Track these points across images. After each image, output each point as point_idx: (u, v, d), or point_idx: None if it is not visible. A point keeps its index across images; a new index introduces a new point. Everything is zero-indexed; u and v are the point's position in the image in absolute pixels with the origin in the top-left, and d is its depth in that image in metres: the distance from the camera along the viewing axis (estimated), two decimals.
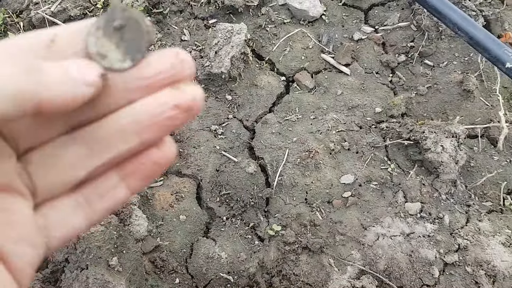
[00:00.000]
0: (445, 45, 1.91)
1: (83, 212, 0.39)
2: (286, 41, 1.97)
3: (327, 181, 1.65)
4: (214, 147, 1.73)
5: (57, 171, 0.38)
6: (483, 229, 1.56)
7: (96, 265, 1.31)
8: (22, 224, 0.37)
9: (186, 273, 1.53)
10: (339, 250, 1.54)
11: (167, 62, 0.38)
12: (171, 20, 2.04)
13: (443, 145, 1.58)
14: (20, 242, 0.37)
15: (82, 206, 0.39)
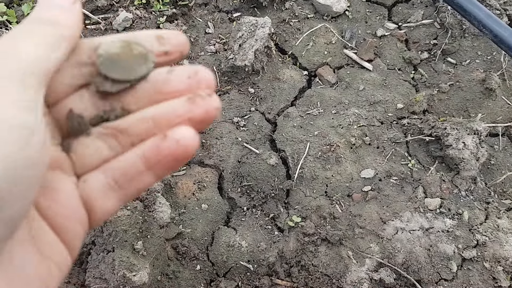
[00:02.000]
0: (468, 43, 1.92)
1: (115, 193, 0.42)
2: (309, 36, 1.99)
3: (348, 175, 1.67)
4: (236, 139, 1.76)
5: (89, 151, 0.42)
6: (501, 226, 1.57)
7: (122, 248, 1.34)
8: (69, 202, 0.40)
9: (207, 260, 1.57)
10: (358, 243, 1.56)
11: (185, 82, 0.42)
12: (196, 13, 2.07)
13: (464, 142, 1.59)
14: (69, 218, 0.40)
15: (113, 188, 0.42)
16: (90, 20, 1.99)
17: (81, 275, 1.37)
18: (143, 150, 0.41)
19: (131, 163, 0.41)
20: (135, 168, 0.41)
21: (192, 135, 0.40)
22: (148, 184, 0.42)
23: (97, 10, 2.00)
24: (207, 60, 1.93)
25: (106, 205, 0.42)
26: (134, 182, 0.41)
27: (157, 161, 0.40)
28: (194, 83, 0.42)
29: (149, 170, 0.41)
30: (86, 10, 1.97)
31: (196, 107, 0.41)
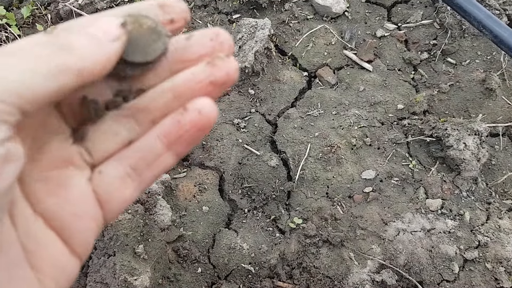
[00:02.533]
0: (468, 44, 1.92)
1: (133, 181, 0.41)
2: (309, 37, 1.99)
3: (349, 176, 1.67)
4: (236, 140, 1.76)
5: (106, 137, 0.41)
6: (503, 226, 1.57)
7: (123, 252, 1.34)
8: (81, 199, 0.39)
9: (208, 263, 1.56)
10: (359, 244, 1.56)
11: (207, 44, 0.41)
12: (196, 15, 2.06)
13: (465, 143, 1.59)
14: (79, 216, 0.39)
15: (131, 176, 0.40)
16: None
17: (82, 280, 1.37)
18: (162, 128, 0.40)
19: (149, 145, 0.40)
20: (154, 151, 0.40)
21: (212, 104, 0.39)
22: (168, 167, 0.41)
23: (97, 12, 1.99)
24: None
25: (123, 195, 0.41)
26: (153, 166, 0.41)
27: (178, 136, 0.39)
28: (217, 45, 0.41)
29: (169, 150, 0.40)
30: (86, 13, 1.97)
31: (217, 70, 0.40)
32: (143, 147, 0.40)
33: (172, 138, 0.40)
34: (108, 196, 0.40)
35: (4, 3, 2.00)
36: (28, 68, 0.32)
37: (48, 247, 0.37)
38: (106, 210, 0.41)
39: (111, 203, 0.40)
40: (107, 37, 0.36)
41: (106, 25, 0.37)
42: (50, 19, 2.00)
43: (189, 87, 0.40)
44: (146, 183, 0.42)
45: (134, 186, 0.41)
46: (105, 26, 0.37)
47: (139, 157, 0.40)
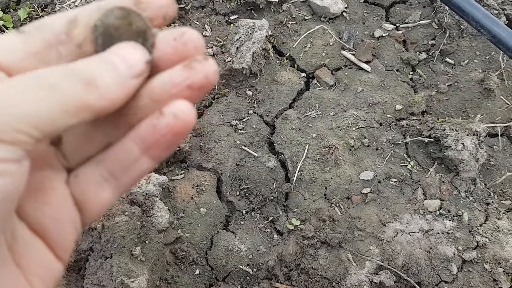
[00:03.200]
0: (466, 44, 1.91)
1: (110, 185, 0.40)
2: (306, 38, 1.98)
3: (347, 177, 1.66)
4: (234, 142, 1.75)
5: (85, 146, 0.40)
6: (501, 227, 1.56)
7: (120, 254, 1.34)
8: (59, 202, 0.39)
9: (206, 265, 1.56)
10: (357, 246, 1.55)
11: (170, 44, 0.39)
12: (193, 16, 2.06)
13: (464, 143, 1.58)
14: (59, 219, 0.38)
15: (108, 180, 0.40)
16: None
17: (79, 282, 1.36)
18: (138, 132, 0.39)
19: (126, 150, 0.39)
20: (131, 155, 0.39)
21: (189, 108, 0.37)
22: (145, 171, 0.40)
23: None
24: None
25: (100, 199, 0.40)
26: (130, 171, 0.40)
27: (154, 141, 0.38)
28: (180, 45, 0.39)
29: (145, 154, 0.39)
30: None
31: (194, 73, 0.38)
32: (119, 151, 0.40)
33: (148, 143, 0.38)
34: (85, 200, 0.40)
35: (1, 5, 2.00)
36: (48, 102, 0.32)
37: (33, 249, 0.37)
38: (84, 213, 0.40)
39: (88, 207, 0.40)
40: (131, 72, 0.36)
41: (132, 57, 0.36)
42: None
43: (166, 91, 0.38)
44: (124, 188, 0.41)
45: (111, 190, 0.40)
46: (130, 59, 0.36)
47: (116, 161, 0.40)
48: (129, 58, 0.36)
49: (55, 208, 0.38)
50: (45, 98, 0.32)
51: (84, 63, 0.35)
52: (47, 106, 0.32)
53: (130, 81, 0.36)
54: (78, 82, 0.33)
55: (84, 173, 0.40)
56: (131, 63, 0.36)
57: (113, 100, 0.35)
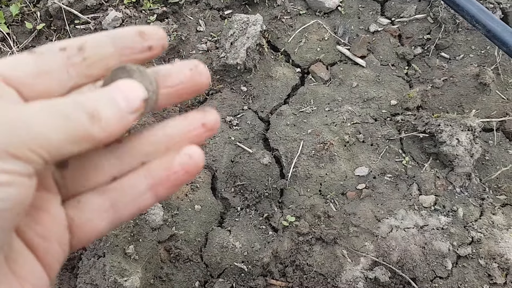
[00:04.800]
0: (462, 38, 1.90)
1: (109, 216, 0.42)
2: (301, 33, 1.97)
3: (342, 173, 1.66)
4: (229, 138, 1.74)
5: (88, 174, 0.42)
6: (496, 222, 1.56)
7: (113, 253, 1.33)
8: (52, 223, 0.40)
9: (200, 262, 1.55)
10: (352, 242, 1.55)
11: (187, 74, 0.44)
12: (187, 11, 2.04)
13: (458, 138, 1.58)
14: (49, 239, 0.40)
15: (108, 211, 0.42)
16: (79, 20, 1.96)
17: (72, 281, 1.36)
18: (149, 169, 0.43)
19: (133, 184, 0.42)
20: (136, 190, 0.42)
21: (201, 152, 0.43)
22: (146, 207, 0.43)
23: (86, 9, 1.98)
24: (199, 58, 1.91)
25: (96, 228, 0.42)
26: (131, 205, 0.43)
27: (165, 178, 0.42)
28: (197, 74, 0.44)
29: (151, 191, 0.42)
30: (75, 10, 1.95)
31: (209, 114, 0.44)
32: (126, 184, 0.43)
33: (159, 179, 0.42)
34: (81, 226, 0.42)
35: None
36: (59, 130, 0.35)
37: (26, 259, 0.39)
38: (76, 238, 0.42)
39: (82, 233, 0.42)
40: (129, 108, 0.39)
41: (131, 94, 0.39)
42: (39, 16, 1.98)
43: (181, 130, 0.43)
44: (120, 220, 0.44)
45: (109, 220, 0.43)
46: (130, 96, 0.39)
47: (121, 193, 0.42)
48: (129, 95, 0.39)
49: (46, 228, 0.40)
50: (58, 126, 0.35)
51: (91, 96, 0.38)
52: (58, 133, 0.35)
53: (128, 116, 0.39)
54: (85, 114, 0.36)
55: (87, 200, 0.42)
56: (130, 100, 0.39)
57: (112, 132, 0.38)
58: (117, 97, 0.38)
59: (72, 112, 0.36)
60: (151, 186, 0.42)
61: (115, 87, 0.39)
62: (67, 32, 1.95)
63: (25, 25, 1.95)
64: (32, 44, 1.98)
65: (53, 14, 1.96)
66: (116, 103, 0.38)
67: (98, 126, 0.37)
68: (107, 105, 0.38)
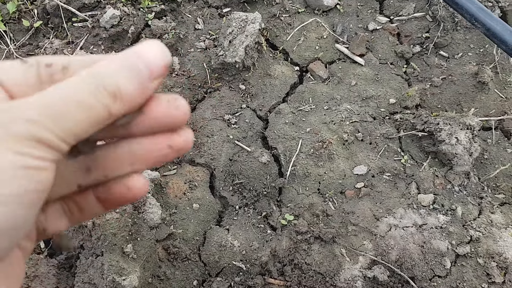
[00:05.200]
0: (461, 36, 1.90)
1: (67, 218, 0.46)
2: (300, 31, 1.96)
3: (340, 171, 1.65)
4: (227, 137, 1.74)
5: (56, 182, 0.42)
6: (495, 221, 1.56)
7: (111, 252, 1.32)
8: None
9: (199, 261, 1.55)
10: (351, 240, 1.55)
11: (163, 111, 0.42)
12: (185, 9, 2.03)
13: (457, 137, 1.57)
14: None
15: (66, 214, 0.46)
16: (77, 18, 1.95)
17: (70, 280, 1.35)
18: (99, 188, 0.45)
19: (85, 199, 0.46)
20: (87, 203, 0.46)
21: (143, 184, 0.45)
22: (97, 214, 0.47)
23: (84, 7, 1.97)
24: (197, 56, 1.91)
25: (57, 226, 0.46)
26: (84, 212, 0.46)
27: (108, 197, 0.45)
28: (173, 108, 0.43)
29: (99, 204, 0.46)
30: (73, 8, 1.94)
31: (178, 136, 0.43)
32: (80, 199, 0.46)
33: (103, 197, 0.45)
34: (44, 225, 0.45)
35: None
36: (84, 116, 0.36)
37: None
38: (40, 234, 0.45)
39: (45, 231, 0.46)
40: (152, 75, 0.38)
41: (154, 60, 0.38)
42: (36, 14, 1.97)
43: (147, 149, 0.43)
44: (78, 221, 0.48)
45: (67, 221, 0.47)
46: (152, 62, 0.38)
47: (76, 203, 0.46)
48: (151, 61, 0.38)
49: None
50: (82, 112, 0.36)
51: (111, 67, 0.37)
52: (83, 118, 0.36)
53: (149, 85, 0.38)
54: (107, 95, 0.37)
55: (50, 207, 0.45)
56: (153, 66, 0.38)
57: (133, 105, 0.38)
58: (138, 66, 0.38)
59: (95, 95, 0.36)
60: (99, 200, 0.46)
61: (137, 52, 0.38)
62: (64, 29, 1.94)
63: (22, 22, 1.94)
64: (29, 41, 1.97)
65: (51, 12, 1.95)
66: (138, 73, 0.38)
67: (120, 103, 0.37)
68: (128, 78, 0.37)
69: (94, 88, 0.36)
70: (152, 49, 0.39)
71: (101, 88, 0.36)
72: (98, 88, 0.36)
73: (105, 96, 0.37)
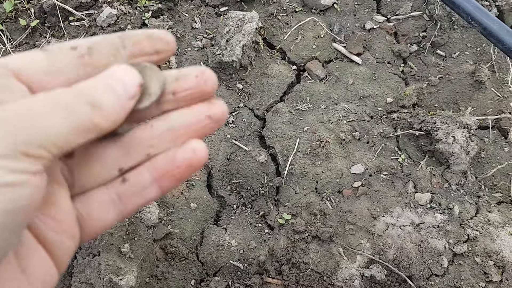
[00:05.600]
0: (458, 35, 1.90)
1: (116, 208, 0.43)
2: (297, 30, 1.96)
3: (338, 170, 1.65)
4: (224, 136, 1.74)
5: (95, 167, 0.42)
6: (492, 220, 1.56)
7: (108, 251, 1.32)
8: (63, 217, 0.40)
9: (196, 260, 1.55)
10: (348, 239, 1.55)
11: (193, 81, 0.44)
12: (182, 8, 2.03)
13: (454, 136, 1.58)
14: (61, 233, 0.40)
15: (115, 202, 0.43)
16: (73, 17, 1.95)
17: (66, 280, 1.35)
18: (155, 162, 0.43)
19: (138, 177, 0.43)
20: (141, 182, 0.43)
21: (205, 147, 0.43)
22: (151, 199, 0.44)
23: (81, 6, 1.96)
24: (194, 56, 1.90)
25: (104, 220, 0.43)
26: (137, 197, 0.43)
27: (169, 171, 0.42)
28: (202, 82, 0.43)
29: (156, 183, 0.43)
30: (70, 7, 1.93)
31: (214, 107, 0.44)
32: (132, 177, 0.43)
33: (163, 172, 0.43)
34: (89, 219, 0.42)
35: None
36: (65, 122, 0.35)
37: (37, 255, 0.39)
38: (85, 230, 0.43)
39: (91, 225, 0.43)
40: (127, 94, 0.39)
41: (127, 79, 0.40)
42: (33, 13, 1.96)
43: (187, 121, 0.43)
44: (128, 212, 0.44)
45: (116, 213, 0.43)
46: (126, 80, 0.39)
47: (127, 185, 0.43)
48: (125, 80, 0.39)
49: (57, 221, 0.40)
50: (62, 119, 0.35)
51: (90, 84, 0.38)
52: (63, 126, 0.35)
53: (127, 102, 0.39)
54: (87, 104, 0.37)
55: (94, 194, 0.43)
56: (127, 85, 0.39)
57: (114, 120, 0.38)
58: (114, 84, 0.39)
59: (74, 104, 0.36)
60: (156, 179, 0.43)
61: (110, 74, 0.40)
62: (61, 29, 1.94)
63: (19, 22, 1.93)
64: (26, 41, 1.96)
65: (47, 11, 1.94)
66: (114, 90, 0.39)
67: (100, 115, 0.37)
68: (106, 93, 0.38)
69: (74, 95, 0.37)
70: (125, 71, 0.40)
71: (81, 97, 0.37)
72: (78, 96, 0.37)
73: (85, 105, 0.37)
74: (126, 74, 0.40)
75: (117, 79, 0.39)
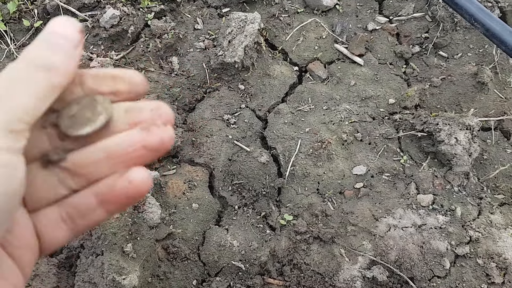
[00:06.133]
0: (460, 37, 1.90)
1: (67, 225, 0.44)
2: (299, 31, 1.97)
3: (339, 171, 1.65)
4: (226, 137, 1.74)
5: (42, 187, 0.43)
6: (495, 221, 1.56)
7: (111, 251, 1.32)
8: (22, 232, 0.42)
9: (198, 260, 1.55)
10: (350, 241, 1.55)
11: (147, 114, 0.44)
12: (184, 9, 2.04)
13: (457, 137, 1.57)
14: (21, 247, 0.42)
15: (65, 221, 0.44)
16: (77, 18, 1.95)
17: (70, 279, 1.35)
18: (96, 189, 0.43)
19: (84, 200, 0.43)
20: (88, 205, 0.43)
21: (145, 176, 0.43)
22: (99, 220, 0.45)
23: (84, 7, 1.97)
24: (196, 56, 1.91)
25: (57, 236, 0.44)
26: (86, 217, 0.44)
27: (110, 198, 0.43)
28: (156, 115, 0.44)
29: (101, 207, 0.44)
30: (73, 8, 1.94)
31: (151, 135, 0.43)
32: (79, 199, 0.44)
33: (105, 199, 0.43)
34: (45, 234, 0.44)
35: None
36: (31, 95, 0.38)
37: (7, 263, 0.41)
38: (43, 245, 0.44)
39: (47, 241, 0.44)
40: (72, 44, 0.41)
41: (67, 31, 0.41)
42: (36, 14, 1.97)
43: (122, 149, 0.43)
44: (79, 231, 0.45)
45: (68, 230, 0.44)
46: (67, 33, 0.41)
47: (75, 207, 0.44)
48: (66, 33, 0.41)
49: (18, 238, 0.41)
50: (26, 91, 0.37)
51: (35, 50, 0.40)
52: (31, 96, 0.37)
53: (74, 52, 0.41)
54: (40, 69, 0.38)
55: (44, 212, 0.44)
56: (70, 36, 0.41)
57: (70, 72, 0.40)
58: (57, 40, 0.40)
59: (29, 73, 0.38)
60: (101, 203, 0.43)
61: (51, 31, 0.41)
62: None
63: (22, 22, 1.94)
64: (30, 41, 1.97)
65: (51, 12, 1.95)
66: (59, 46, 0.40)
67: (56, 74, 0.39)
68: (53, 52, 0.40)
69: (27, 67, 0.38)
70: (63, 24, 0.41)
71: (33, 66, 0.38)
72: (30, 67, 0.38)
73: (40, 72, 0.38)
74: (65, 26, 0.41)
75: (58, 35, 0.40)
